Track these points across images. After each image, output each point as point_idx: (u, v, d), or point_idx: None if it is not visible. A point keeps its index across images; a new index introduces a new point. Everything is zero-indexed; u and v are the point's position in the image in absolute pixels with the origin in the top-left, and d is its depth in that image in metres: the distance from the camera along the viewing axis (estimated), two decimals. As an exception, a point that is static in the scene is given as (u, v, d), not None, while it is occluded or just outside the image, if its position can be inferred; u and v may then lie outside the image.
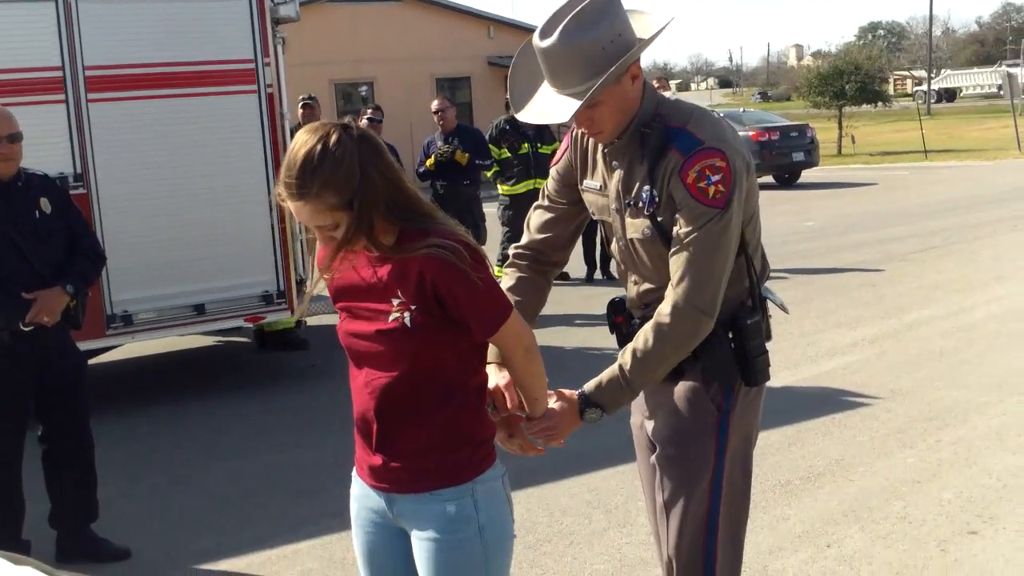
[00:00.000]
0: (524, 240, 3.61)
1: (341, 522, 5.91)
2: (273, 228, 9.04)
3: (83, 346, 6.34)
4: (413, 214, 2.82)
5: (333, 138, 2.70)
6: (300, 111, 12.25)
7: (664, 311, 3.18)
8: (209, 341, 11.42)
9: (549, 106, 3.23)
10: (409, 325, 2.79)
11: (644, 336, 3.20)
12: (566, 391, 3.25)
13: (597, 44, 3.11)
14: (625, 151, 3.33)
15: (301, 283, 9.63)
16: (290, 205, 2.74)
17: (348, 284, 2.96)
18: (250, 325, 9.71)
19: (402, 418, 2.87)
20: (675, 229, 3.20)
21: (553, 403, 3.19)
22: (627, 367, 3.21)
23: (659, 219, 3.26)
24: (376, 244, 2.81)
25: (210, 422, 8.48)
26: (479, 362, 2.98)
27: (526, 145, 12.85)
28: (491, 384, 3.13)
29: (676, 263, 3.19)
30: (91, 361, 7.99)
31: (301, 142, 2.72)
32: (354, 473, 3.08)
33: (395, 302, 2.81)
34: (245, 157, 8.95)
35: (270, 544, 5.99)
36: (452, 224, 2.86)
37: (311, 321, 11.10)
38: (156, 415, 8.74)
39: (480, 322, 2.83)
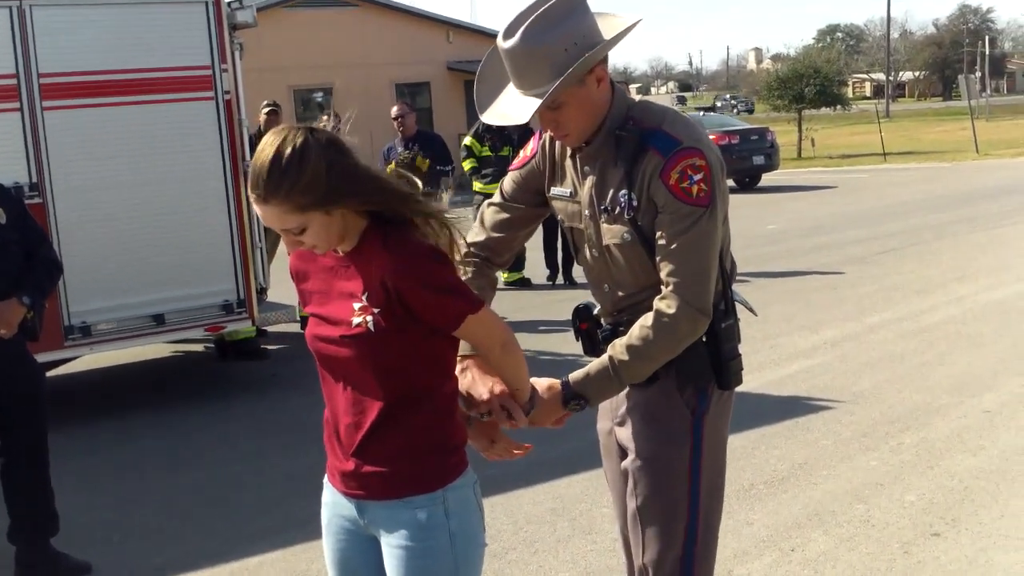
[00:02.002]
0: (477, 238, 3.55)
1: (306, 533, 5.88)
2: (233, 237, 8.99)
3: (41, 358, 6.27)
4: (389, 202, 2.80)
5: (299, 140, 2.69)
6: (264, 118, 12.22)
7: (666, 310, 3.13)
8: (169, 351, 11.33)
9: (510, 107, 3.22)
10: (372, 329, 2.77)
11: (642, 331, 3.15)
12: (546, 380, 3.22)
13: (560, 45, 3.09)
14: (598, 155, 3.30)
15: (262, 292, 9.58)
16: (257, 209, 2.75)
17: (314, 289, 2.96)
18: (211, 335, 9.64)
19: (373, 423, 2.85)
20: (660, 231, 3.16)
21: (537, 388, 3.17)
22: (619, 360, 3.16)
23: (639, 223, 3.23)
24: (341, 250, 2.84)
25: (171, 433, 8.40)
26: (452, 366, 2.97)
27: (507, 148, 12.94)
28: (484, 393, 3.10)
29: (668, 265, 3.15)
30: (49, 373, 7.90)
31: (266, 145, 2.72)
32: (326, 480, 3.07)
33: (356, 306, 2.80)
34: (203, 164, 8.89)
35: (234, 556, 5.93)
36: (433, 207, 2.86)
37: (272, 330, 11.03)
38: (116, 426, 8.66)
39: (445, 321, 2.82)
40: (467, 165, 13.35)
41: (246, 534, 6.22)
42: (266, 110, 12.49)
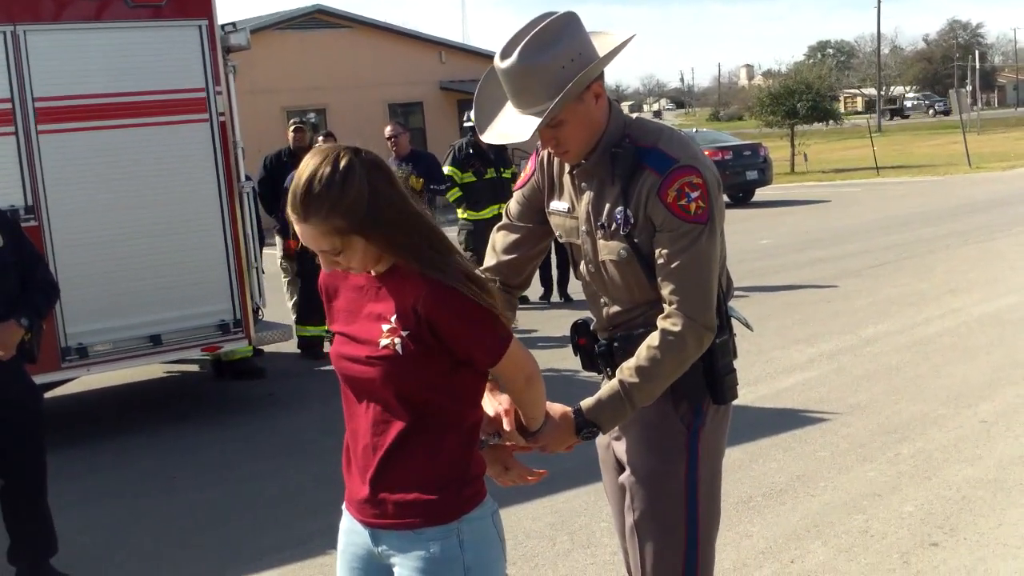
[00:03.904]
0: (490, 262, 3.57)
1: (304, 551, 5.90)
2: (228, 257, 9.00)
3: (38, 379, 6.26)
4: (421, 247, 2.75)
5: (343, 161, 2.66)
6: (292, 134, 12.31)
7: (672, 328, 3.15)
8: (165, 371, 11.33)
9: (510, 126, 3.23)
10: (400, 352, 2.73)
11: (650, 352, 3.16)
12: (559, 407, 3.20)
13: (556, 63, 3.11)
14: (594, 172, 3.32)
15: (257, 311, 9.58)
16: (295, 227, 2.71)
17: (342, 307, 2.93)
18: (207, 355, 9.64)
19: (389, 446, 2.80)
20: (660, 250, 3.18)
21: (551, 411, 3.16)
22: (630, 383, 3.17)
23: (636, 240, 3.24)
24: (375, 270, 2.82)
25: (168, 453, 8.40)
26: (477, 397, 2.92)
27: (491, 170, 12.82)
28: (491, 411, 3.09)
29: (670, 283, 3.17)
30: (46, 394, 7.90)
31: (310, 163, 2.68)
32: (344, 506, 3.00)
33: (385, 328, 2.76)
34: (198, 186, 8.91)
35: (233, 575, 5.93)
36: (463, 263, 2.80)
37: (268, 349, 11.04)
38: (114, 447, 8.66)
39: (480, 355, 2.79)
40: (452, 196, 12.93)
41: (244, 554, 6.21)
42: (293, 127, 12.55)
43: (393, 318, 2.75)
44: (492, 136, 3.32)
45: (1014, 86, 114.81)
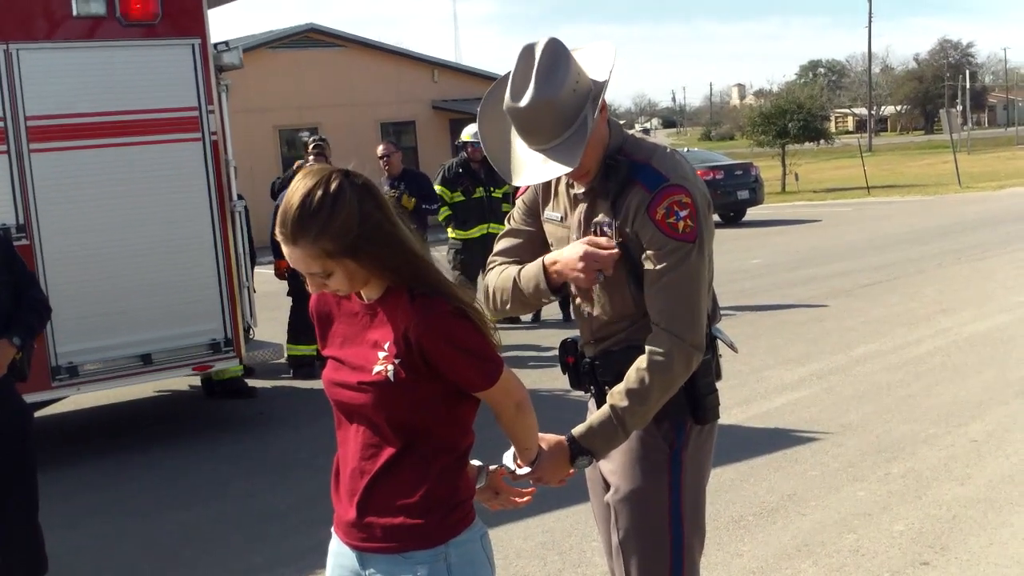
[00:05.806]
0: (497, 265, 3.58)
1: (294, 570, 5.87)
2: (220, 276, 9.00)
3: (28, 398, 6.25)
4: (410, 271, 2.75)
5: (334, 185, 2.64)
6: (312, 157, 12.20)
7: (659, 348, 3.16)
8: (156, 390, 11.31)
9: (545, 164, 3.22)
10: (392, 379, 2.73)
11: (638, 374, 3.18)
12: (553, 437, 3.21)
13: (567, 90, 3.15)
14: (591, 185, 3.35)
15: (248, 330, 9.57)
16: (284, 249, 2.70)
17: (338, 333, 2.91)
18: (198, 374, 9.63)
19: (378, 471, 2.79)
20: (648, 268, 3.20)
21: (543, 445, 3.17)
22: (621, 408, 3.18)
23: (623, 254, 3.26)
24: (366, 296, 2.81)
25: (158, 472, 8.39)
26: (469, 423, 2.90)
27: (480, 189, 12.88)
28: None
29: (658, 302, 3.19)
30: (36, 413, 7.88)
31: (301, 185, 2.66)
32: (333, 529, 2.98)
33: (380, 355, 2.75)
34: (190, 205, 8.91)
35: (222, 595, 5.93)
36: (453, 288, 2.79)
37: (258, 368, 11.03)
38: (104, 466, 8.63)
39: (471, 381, 2.79)
40: (441, 215, 12.99)
41: (235, 572, 6.20)
42: (315, 144, 12.35)
43: (387, 345, 2.75)
44: (528, 178, 3.30)
45: (1004, 106, 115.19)
